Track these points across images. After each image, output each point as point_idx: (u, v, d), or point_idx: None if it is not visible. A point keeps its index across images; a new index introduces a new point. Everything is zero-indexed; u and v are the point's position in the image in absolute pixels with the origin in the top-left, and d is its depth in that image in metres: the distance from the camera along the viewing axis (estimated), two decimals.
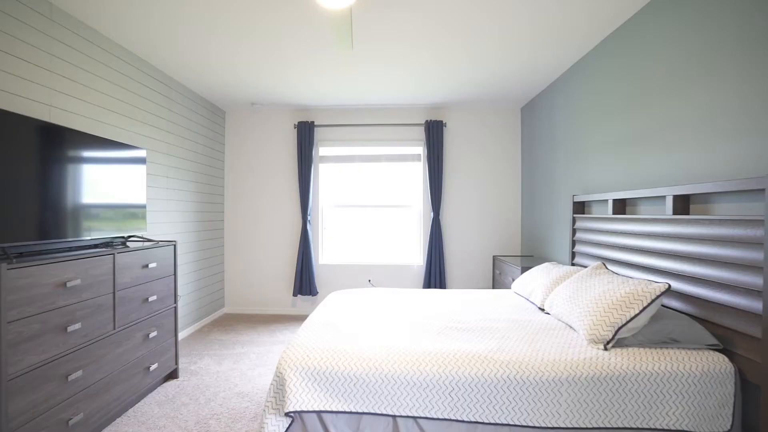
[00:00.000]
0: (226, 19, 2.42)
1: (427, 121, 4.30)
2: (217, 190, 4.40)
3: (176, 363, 2.74)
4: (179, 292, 3.44)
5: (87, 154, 2.16)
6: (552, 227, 3.57)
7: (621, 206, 2.42)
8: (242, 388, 2.60)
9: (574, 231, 2.96)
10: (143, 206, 2.64)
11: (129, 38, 2.70)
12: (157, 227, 3.26)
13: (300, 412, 1.47)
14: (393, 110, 4.46)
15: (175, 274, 2.71)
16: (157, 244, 2.60)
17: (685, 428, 1.44)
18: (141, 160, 2.62)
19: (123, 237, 2.51)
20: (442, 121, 4.30)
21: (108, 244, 2.40)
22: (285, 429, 1.47)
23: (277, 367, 1.56)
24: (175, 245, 2.70)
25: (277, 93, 3.91)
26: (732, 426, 1.45)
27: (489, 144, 4.44)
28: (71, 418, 1.80)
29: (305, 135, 4.34)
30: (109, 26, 2.52)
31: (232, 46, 2.80)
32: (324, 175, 4.57)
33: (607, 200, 2.56)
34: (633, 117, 2.35)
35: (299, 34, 2.63)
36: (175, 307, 2.73)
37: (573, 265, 2.95)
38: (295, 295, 4.37)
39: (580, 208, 2.96)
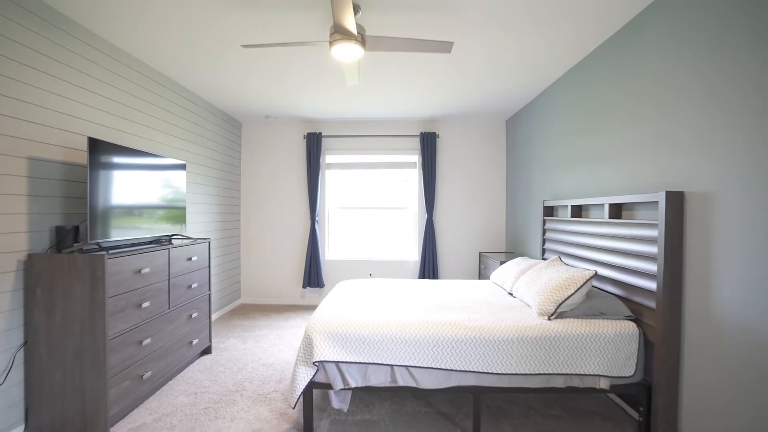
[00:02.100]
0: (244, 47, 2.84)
1: (422, 132, 4.84)
2: (233, 193, 4.93)
3: (210, 341, 3.28)
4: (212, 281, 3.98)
5: (148, 167, 2.69)
6: (529, 227, 4.12)
7: (578, 211, 2.97)
8: (266, 361, 3.15)
9: (544, 231, 3.51)
10: (184, 208, 3.17)
11: (167, 64, 3.23)
12: (189, 227, 3.79)
13: (323, 362, 2.02)
14: (392, 123, 5.00)
15: (209, 266, 3.25)
16: (195, 241, 3.13)
17: (602, 373, 1.99)
18: (182, 167, 3.14)
19: (169, 235, 3.04)
20: (435, 133, 4.84)
21: (157, 240, 2.93)
22: (312, 375, 2.01)
23: (305, 331, 2.10)
24: (209, 242, 3.23)
25: (288, 108, 4.44)
26: (635, 372, 2.00)
27: (477, 153, 4.98)
28: (143, 374, 2.34)
29: (313, 144, 4.87)
30: (159, 60, 3.05)
31: (248, 68, 3.25)
32: (330, 180, 5.11)
33: (567, 205, 3.10)
34: (587, 138, 2.90)
35: (309, 61, 3.09)
36: (209, 294, 3.26)
37: (543, 259, 3.50)
38: (304, 287, 4.91)
39: (549, 211, 3.51)
